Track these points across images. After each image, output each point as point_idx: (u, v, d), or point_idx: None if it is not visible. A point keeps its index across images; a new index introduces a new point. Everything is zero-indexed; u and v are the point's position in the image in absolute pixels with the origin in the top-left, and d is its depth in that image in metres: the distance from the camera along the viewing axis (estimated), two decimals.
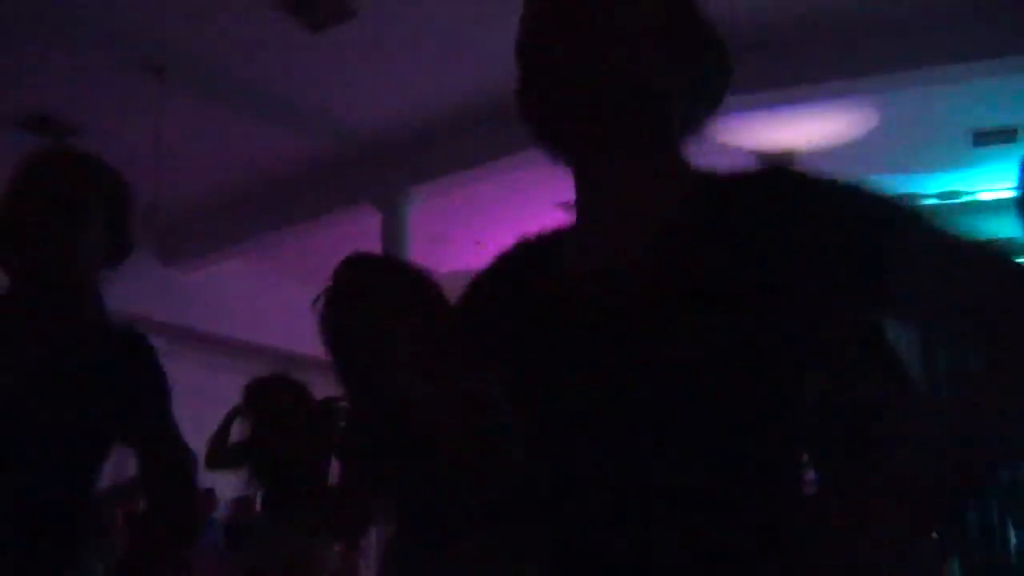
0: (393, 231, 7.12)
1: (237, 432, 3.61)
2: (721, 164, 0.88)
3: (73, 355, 1.46)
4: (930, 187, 6.30)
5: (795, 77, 4.73)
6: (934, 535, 2.25)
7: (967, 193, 6.37)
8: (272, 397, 3.12)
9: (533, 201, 8.13)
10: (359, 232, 7.69)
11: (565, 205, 4.51)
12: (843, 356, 1.83)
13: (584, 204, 0.89)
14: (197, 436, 5.99)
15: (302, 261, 9.10)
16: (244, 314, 9.30)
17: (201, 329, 9.00)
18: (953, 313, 0.78)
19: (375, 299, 1.53)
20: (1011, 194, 3.95)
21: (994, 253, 0.79)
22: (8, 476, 1.36)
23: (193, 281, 8.83)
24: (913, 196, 6.44)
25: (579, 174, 0.88)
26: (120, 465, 2.08)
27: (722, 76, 0.89)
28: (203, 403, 9.14)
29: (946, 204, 6.39)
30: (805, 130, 5.49)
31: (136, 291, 8.13)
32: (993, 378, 0.77)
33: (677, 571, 0.76)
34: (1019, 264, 0.79)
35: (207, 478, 6.84)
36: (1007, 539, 3.68)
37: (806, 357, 0.81)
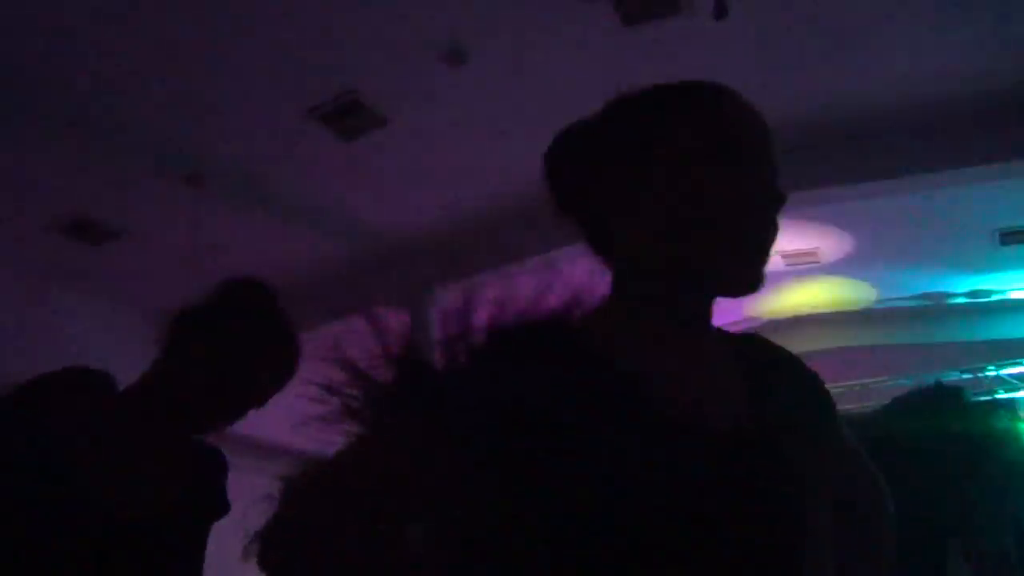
0: (420, 331, 7.20)
1: None
2: None
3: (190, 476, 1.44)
4: (958, 286, 6.26)
5: (817, 179, 4.77)
6: None
7: (996, 292, 6.32)
8: None
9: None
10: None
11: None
12: None
13: (658, 335, 0.88)
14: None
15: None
16: (270, 414, 9.31)
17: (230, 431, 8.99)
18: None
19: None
20: None
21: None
22: None
23: None
24: (941, 295, 6.38)
25: (675, 306, 0.89)
26: None
27: None
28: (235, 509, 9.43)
29: (975, 303, 6.34)
30: (832, 233, 5.52)
31: None
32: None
33: None
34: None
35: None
36: None
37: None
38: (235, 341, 1.40)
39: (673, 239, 0.86)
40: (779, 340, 1.01)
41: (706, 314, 0.90)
